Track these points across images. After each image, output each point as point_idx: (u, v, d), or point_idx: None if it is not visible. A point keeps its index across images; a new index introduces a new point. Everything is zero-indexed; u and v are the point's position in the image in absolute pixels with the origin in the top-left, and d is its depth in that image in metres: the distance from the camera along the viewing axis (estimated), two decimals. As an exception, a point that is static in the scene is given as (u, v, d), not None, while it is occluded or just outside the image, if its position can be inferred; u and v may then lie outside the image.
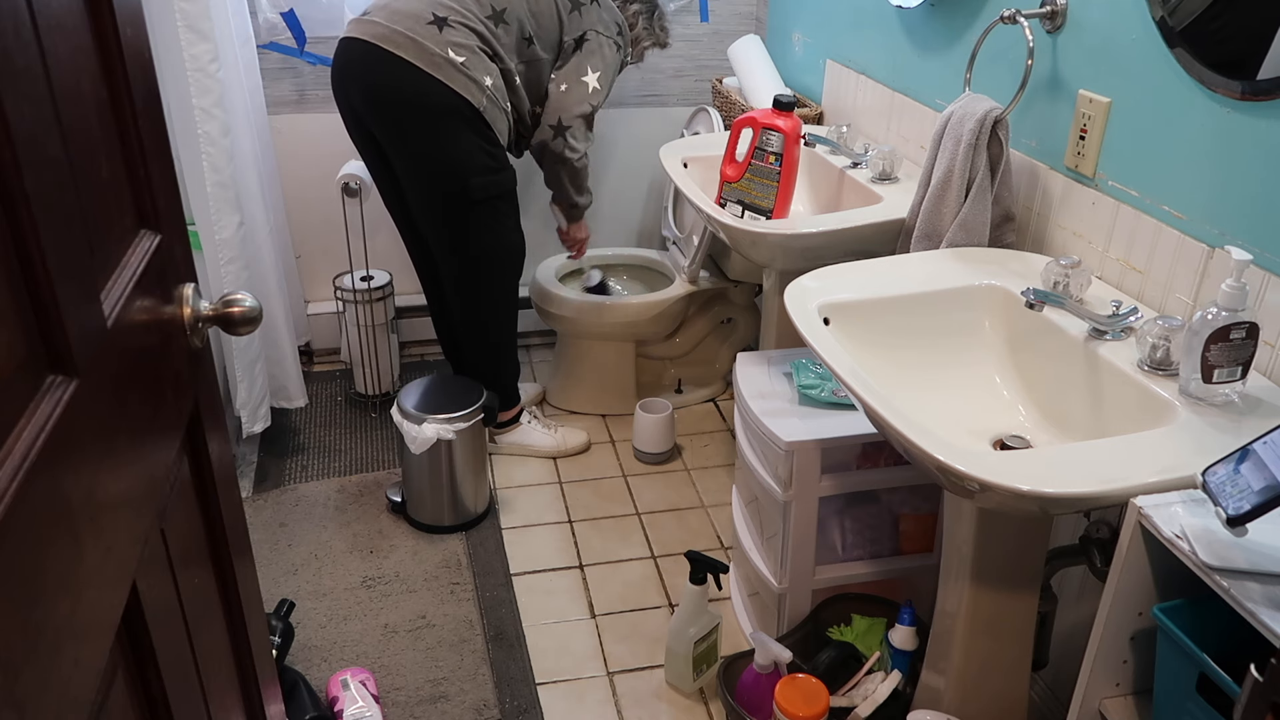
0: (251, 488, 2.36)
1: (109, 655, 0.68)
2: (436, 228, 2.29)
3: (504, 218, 2.27)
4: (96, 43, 0.78)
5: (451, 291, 2.39)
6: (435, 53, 2.07)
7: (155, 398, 0.84)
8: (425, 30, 2.08)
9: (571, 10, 2.26)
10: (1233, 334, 1.15)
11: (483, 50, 2.13)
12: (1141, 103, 1.44)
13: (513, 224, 2.31)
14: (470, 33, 2.12)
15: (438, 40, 2.08)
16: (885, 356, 1.43)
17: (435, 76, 2.07)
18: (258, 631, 1.15)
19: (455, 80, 2.08)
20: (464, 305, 2.38)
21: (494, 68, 2.16)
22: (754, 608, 1.94)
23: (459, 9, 2.11)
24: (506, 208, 2.27)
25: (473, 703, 1.80)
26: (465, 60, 2.09)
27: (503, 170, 2.22)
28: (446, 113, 2.11)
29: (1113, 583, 1.08)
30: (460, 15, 2.11)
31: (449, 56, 2.08)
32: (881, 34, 2.16)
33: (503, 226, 2.28)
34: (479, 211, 2.22)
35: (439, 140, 2.14)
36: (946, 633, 1.47)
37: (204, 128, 2.06)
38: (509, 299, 2.39)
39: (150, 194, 0.89)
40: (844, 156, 2.12)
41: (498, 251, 2.30)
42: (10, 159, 0.57)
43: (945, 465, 1.09)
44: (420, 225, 2.35)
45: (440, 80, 2.07)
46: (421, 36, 2.07)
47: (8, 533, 0.52)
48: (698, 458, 2.56)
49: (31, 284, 0.60)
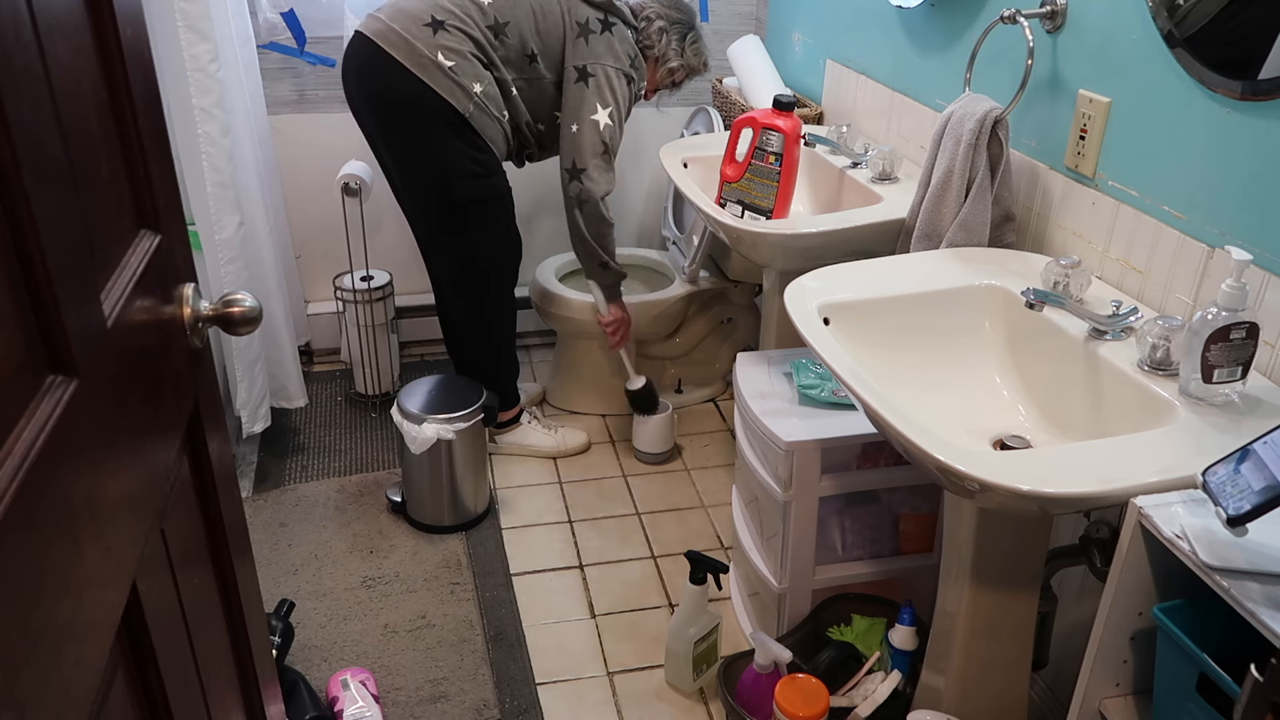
0: (251, 488, 2.36)
1: (109, 655, 0.68)
2: (428, 228, 2.32)
3: (492, 222, 2.26)
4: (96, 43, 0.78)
5: (450, 292, 2.40)
6: (424, 54, 2.07)
7: (155, 398, 0.84)
8: (420, 31, 2.08)
9: (578, 36, 2.19)
10: (1233, 334, 1.15)
11: (476, 57, 2.12)
12: (1141, 103, 1.44)
13: (502, 229, 2.29)
14: (466, 38, 2.11)
15: (429, 42, 2.08)
16: (885, 356, 1.43)
17: (419, 78, 2.08)
18: (258, 631, 1.15)
19: (440, 84, 2.08)
20: (460, 305, 2.39)
21: (487, 75, 2.14)
22: (754, 608, 1.94)
23: (459, 14, 2.11)
24: (495, 212, 2.25)
25: (473, 703, 1.80)
26: (454, 65, 2.09)
27: (490, 176, 2.21)
28: (429, 115, 2.11)
29: (1113, 583, 1.08)
30: (459, 21, 2.10)
31: (437, 60, 2.08)
32: (881, 34, 2.16)
33: (490, 231, 2.27)
34: (466, 214, 2.22)
35: (422, 141, 2.15)
36: (946, 633, 1.47)
37: (204, 128, 2.06)
38: (505, 300, 2.39)
39: (150, 194, 0.89)
40: (844, 156, 2.12)
41: (487, 255, 2.30)
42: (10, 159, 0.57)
43: (945, 465, 1.09)
44: (415, 224, 2.37)
45: (424, 82, 2.08)
46: (414, 37, 2.08)
47: (8, 533, 0.52)
48: (698, 458, 2.56)
49: (31, 284, 0.60)
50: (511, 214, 2.31)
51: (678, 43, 2.34)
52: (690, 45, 2.37)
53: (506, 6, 2.16)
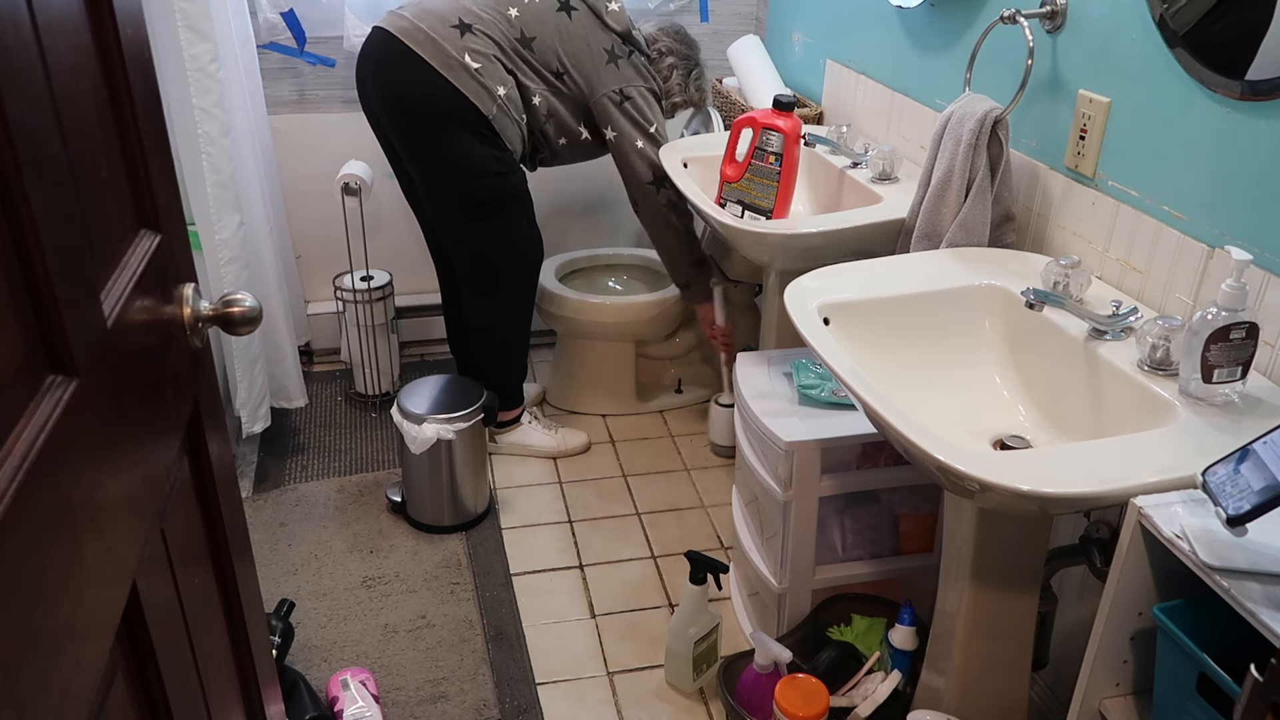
0: (251, 488, 2.36)
1: (109, 655, 0.68)
2: (448, 226, 2.33)
3: (514, 219, 2.28)
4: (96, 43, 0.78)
5: (466, 289, 2.40)
6: (451, 55, 2.09)
7: (155, 398, 0.84)
8: (447, 32, 2.10)
9: (608, 62, 2.24)
10: (1233, 334, 1.15)
11: (500, 60, 2.15)
12: (1141, 103, 1.44)
13: (524, 224, 2.31)
14: (491, 42, 2.13)
15: (457, 44, 2.10)
16: (885, 356, 1.43)
17: (446, 78, 2.09)
18: (258, 631, 1.15)
19: (466, 85, 2.10)
20: (477, 303, 2.39)
21: (509, 79, 2.17)
22: (754, 608, 1.94)
23: (487, 19, 2.14)
24: (517, 209, 2.27)
25: (473, 703, 1.80)
26: (481, 67, 2.11)
27: (510, 174, 2.23)
28: (453, 116, 2.12)
29: (1113, 583, 1.08)
30: (485, 26, 2.13)
31: (464, 61, 2.09)
32: (881, 34, 2.16)
33: (512, 227, 2.29)
34: (487, 212, 2.23)
35: (444, 143, 2.15)
36: (946, 633, 1.47)
37: (204, 128, 2.06)
38: (524, 299, 2.40)
39: (150, 194, 0.89)
40: (844, 156, 2.12)
41: (509, 251, 2.32)
42: (10, 159, 0.57)
43: (945, 465, 1.09)
44: (434, 222, 2.38)
45: (450, 82, 2.09)
46: (441, 37, 2.09)
47: (8, 533, 0.52)
48: (698, 458, 2.56)
49: (31, 284, 0.60)
50: (532, 212, 2.33)
51: (682, 77, 2.41)
52: (694, 82, 2.44)
53: (534, 22, 2.19)
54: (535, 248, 2.36)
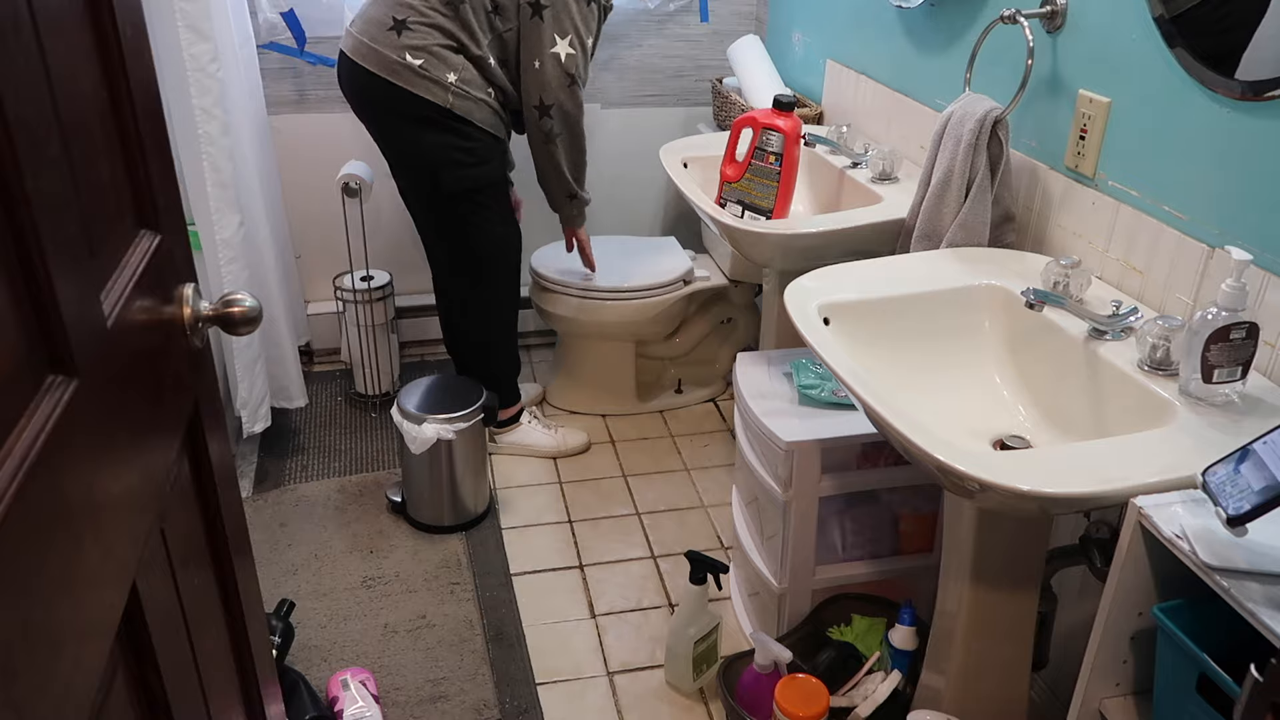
0: (251, 488, 2.36)
1: (109, 656, 0.67)
2: (426, 222, 2.36)
3: (484, 209, 2.28)
4: (96, 43, 0.78)
5: (449, 283, 2.41)
6: (393, 60, 2.10)
7: (155, 398, 0.84)
8: (385, 37, 2.10)
9: None
10: (1233, 334, 1.15)
11: (444, 47, 2.12)
12: (1141, 103, 1.44)
13: (496, 215, 2.31)
14: (429, 30, 2.10)
15: (395, 46, 2.09)
16: (885, 357, 1.43)
17: (395, 83, 2.10)
18: (258, 631, 1.15)
19: (415, 85, 2.10)
20: (462, 297, 2.40)
21: (458, 60, 2.13)
22: (754, 608, 1.94)
23: (418, 6, 2.10)
24: (487, 200, 2.27)
25: (473, 703, 1.80)
26: (423, 63, 2.10)
27: (481, 164, 2.22)
28: (414, 116, 2.14)
29: (1113, 583, 1.08)
30: (418, 14, 2.10)
31: (406, 61, 2.09)
32: (881, 34, 2.16)
33: (483, 218, 2.28)
34: (458, 204, 2.24)
35: (408, 139, 2.20)
36: (946, 633, 1.47)
37: (204, 128, 2.06)
38: (504, 291, 2.40)
39: (150, 194, 0.89)
40: (844, 156, 2.12)
41: (483, 243, 2.31)
42: (10, 159, 0.57)
43: (945, 465, 1.09)
44: (414, 220, 2.40)
45: (400, 86, 2.10)
46: (380, 44, 2.10)
47: (8, 533, 0.52)
48: (698, 458, 2.56)
49: (31, 284, 0.60)
50: (506, 201, 2.33)
51: None
52: None
53: None
54: (513, 238, 2.36)
